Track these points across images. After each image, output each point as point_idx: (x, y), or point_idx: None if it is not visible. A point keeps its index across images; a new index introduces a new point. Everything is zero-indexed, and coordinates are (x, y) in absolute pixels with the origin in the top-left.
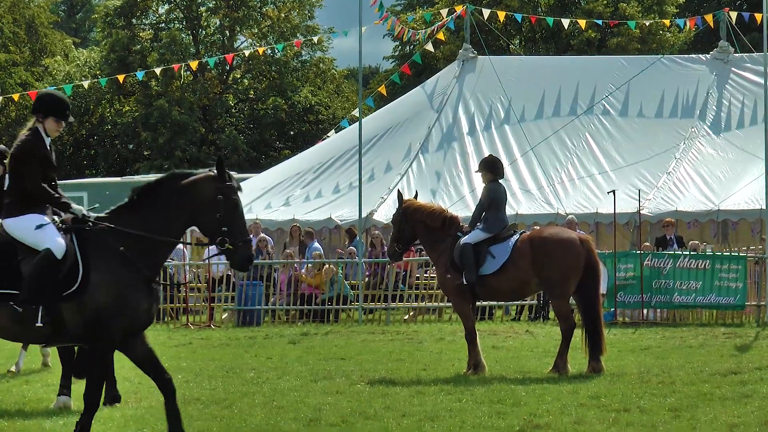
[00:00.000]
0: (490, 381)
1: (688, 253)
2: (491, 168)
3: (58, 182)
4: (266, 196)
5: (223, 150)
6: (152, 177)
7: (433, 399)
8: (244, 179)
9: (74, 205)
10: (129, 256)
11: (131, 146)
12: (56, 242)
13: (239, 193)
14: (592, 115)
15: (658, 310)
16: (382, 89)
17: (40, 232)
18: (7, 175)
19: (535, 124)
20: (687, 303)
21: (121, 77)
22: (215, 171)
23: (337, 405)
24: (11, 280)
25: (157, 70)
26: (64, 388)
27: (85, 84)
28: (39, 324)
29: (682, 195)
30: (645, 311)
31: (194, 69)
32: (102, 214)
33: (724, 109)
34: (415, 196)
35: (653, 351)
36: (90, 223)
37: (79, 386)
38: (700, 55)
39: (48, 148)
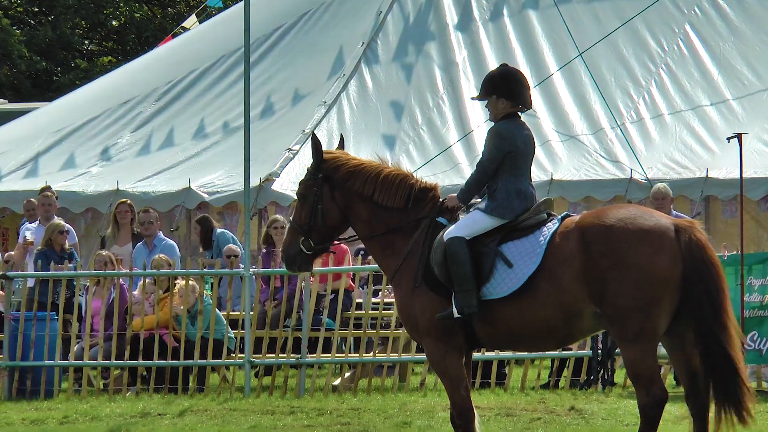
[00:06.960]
0: None
1: None
2: (505, 90)
3: None
4: (66, 145)
5: None
6: None
7: None
8: (26, 112)
9: None
10: None
11: None
12: None
13: None
14: None
15: None
16: None
17: None
18: None
19: (586, 6)
20: None
21: None
22: None
23: None
24: None
25: None
26: None
27: None
28: None
29: None
30: None
31: None
32: None
33: None
34: (341, 145)
35: None
36: None
37: None
38: None
39: None
